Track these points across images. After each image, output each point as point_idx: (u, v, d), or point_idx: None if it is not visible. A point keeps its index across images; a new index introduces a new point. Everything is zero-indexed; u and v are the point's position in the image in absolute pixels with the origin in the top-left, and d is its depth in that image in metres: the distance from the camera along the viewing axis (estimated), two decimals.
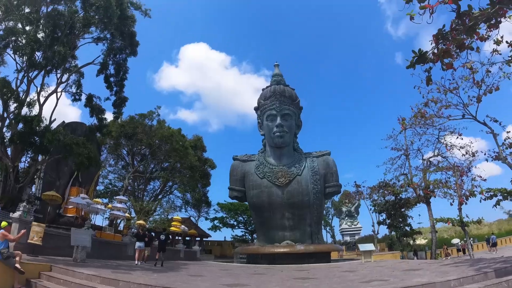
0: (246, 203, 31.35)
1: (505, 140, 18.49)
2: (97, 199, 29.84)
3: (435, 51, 12.60)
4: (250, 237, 53.11)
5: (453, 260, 20.34)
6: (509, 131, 18.56)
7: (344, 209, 65.36)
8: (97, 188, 39.12)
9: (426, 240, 44.13)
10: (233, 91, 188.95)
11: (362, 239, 56.13)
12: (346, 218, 67.51)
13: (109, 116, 27.36)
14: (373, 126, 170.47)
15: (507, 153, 18.47)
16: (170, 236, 32.27)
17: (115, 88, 25.93)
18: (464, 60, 14.43)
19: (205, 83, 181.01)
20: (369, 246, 22.34)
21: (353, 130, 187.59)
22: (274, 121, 27.41)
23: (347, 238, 64.64)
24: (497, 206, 18.52)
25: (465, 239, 31.11)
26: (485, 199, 18.85)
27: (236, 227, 55.00)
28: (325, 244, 30.63)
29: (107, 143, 42.54)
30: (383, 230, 44.70)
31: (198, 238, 48.72)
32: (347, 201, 51.37)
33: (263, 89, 29.90)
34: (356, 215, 67.19)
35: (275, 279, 12.15)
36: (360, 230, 66.45)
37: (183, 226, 37.44)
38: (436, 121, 21.98)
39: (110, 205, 31.01)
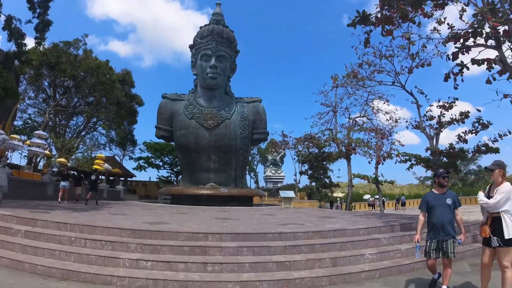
0: (173, 143, 30.89)
1: (426, 112, 19.88)
2: (14, 135, 27.83)
3: (379, 15, 12.89)
4: (175, 178, 52.82)
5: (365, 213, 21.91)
6: (432, 105, 20.01)
7: (269, 157, 67.39)
8: (15, 123, 36.54)
9: (344, 194, 47.12)
10: (172, 27, 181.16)
11: (285, 187, 58.58)
12: (271, 166, 69.93)
13: (30, 43, 25.02)
14: (308, 81, 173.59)
15: (427, 124, 19.89)
16: (100, 176, 31.31)
17: (38, 10, 23.54)
18: (404, 31, 15.02)
19: (143, 14, 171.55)
20: (290, 193, 23.36)
21: (289, 83, 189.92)
22: (208, 61, 26.56)
23: (270, 185, 67.19)
24: (410, 169, 20.10)
25: (376, 196, 33.65)
26: (400, 162, 20.34)
27: (162, 168, 54.10)
28: (248, 188, 31.29)
29: (26, 73, 38.59)
30: (305, 180, 46.66)
31: (122, 178, 47.87)
32: (273, 149, 52.86)
33: (200, 27, 28.72)
34: (280, 164, 69.79)
35: (196, 219, 12.34)
36: (283, 178, 69.36)
37: (106, 164, 36.41)
38: (367, 84, 22.80)
39: (28, 142, 29.14)
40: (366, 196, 45.13)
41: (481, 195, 5.73)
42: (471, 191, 50.89)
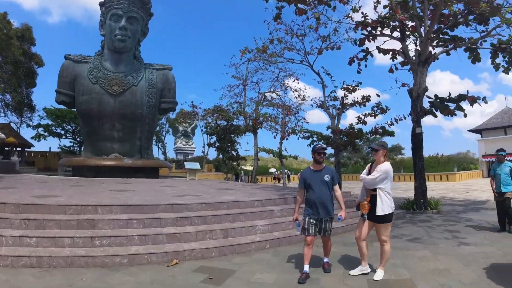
0: (75, 110, 28.77)
1: (331, 93, 21.03)
2: None
3: None
4: (79, 148, 49.58)
5: (267, 185, 22.59)
6: (337, 86, 21.29)
7: (181, 128, 66.28)
8: None
9: (253, 167, 48.33)
10: None
11: (195, 159, 58.25)
12: (182, 137, 68.91)
13: None
14: (222, 52, 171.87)
15: (330, 104, 21.02)
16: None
17: None
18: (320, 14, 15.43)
19: None
20: (195, 165, 23.24)
21: (205, 52, 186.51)
22: (118, 22, 24.49)
23: (181, 157, 66.40)
24: (311, 145, 21.10)
25: (281, 170, 34.87)
26: (302, 138, 21.29)
27: (64, 137, 50.08)
28: (154, 159, 29.80)
29: None
30: (214, 153, 46.87)
31: (18, 148, 43.93)
32: (182, 120, 51.86)
33: None
34: (192, 135, 69.02)
35: (91, 191, 11.73)
36: (194, 150, 68.82)
37: None
38: (278, 60, 23.19)
39: None
40: (272, 170, 46.66)
41: (362, 172, 6.06)
42: None
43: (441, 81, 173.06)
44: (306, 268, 5.84)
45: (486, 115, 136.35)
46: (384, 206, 5.58)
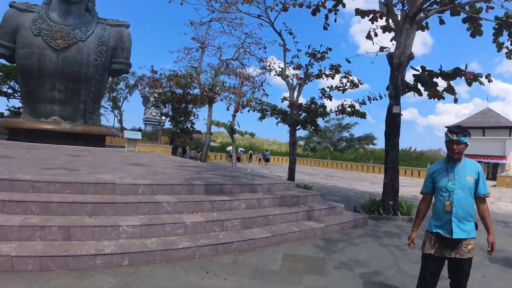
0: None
1: (293, 58, 17.14)
2: None
3: None
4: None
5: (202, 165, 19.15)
6: (300, 50, 17.19)
7: (152, 98, 62.67)
8: None
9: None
10: None
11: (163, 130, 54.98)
12: (152, 107, 65.44)
13: None
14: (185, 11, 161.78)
15: (294, 74, 17.24)
16: None
17: None
18: None
19: None
20: (135, 134, 20.80)
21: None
22: None
23: (149, 128, 63.26)
24: (262, 120, 17.33)
25: (240, 148, 31.69)
26: (253, 110, 17.68)
27: (12, 97, 43.38)
28: (98, 126, 25.87)
29: None
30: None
31: None
32: (149, 87, 48.04)
33: None
34: (162, 106, 65.45)
35: None
36: (164, 121, 65.41)
37: None
38: (233, 13, 19.85)
39: None
40: (229, 148, 44.11)
41: None
42: (340, 156, 53.49)
43: None
44: None
45: (461, 116, 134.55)
46: None
